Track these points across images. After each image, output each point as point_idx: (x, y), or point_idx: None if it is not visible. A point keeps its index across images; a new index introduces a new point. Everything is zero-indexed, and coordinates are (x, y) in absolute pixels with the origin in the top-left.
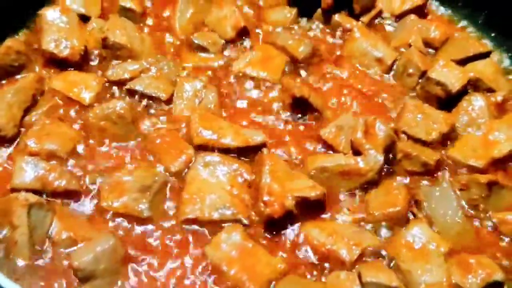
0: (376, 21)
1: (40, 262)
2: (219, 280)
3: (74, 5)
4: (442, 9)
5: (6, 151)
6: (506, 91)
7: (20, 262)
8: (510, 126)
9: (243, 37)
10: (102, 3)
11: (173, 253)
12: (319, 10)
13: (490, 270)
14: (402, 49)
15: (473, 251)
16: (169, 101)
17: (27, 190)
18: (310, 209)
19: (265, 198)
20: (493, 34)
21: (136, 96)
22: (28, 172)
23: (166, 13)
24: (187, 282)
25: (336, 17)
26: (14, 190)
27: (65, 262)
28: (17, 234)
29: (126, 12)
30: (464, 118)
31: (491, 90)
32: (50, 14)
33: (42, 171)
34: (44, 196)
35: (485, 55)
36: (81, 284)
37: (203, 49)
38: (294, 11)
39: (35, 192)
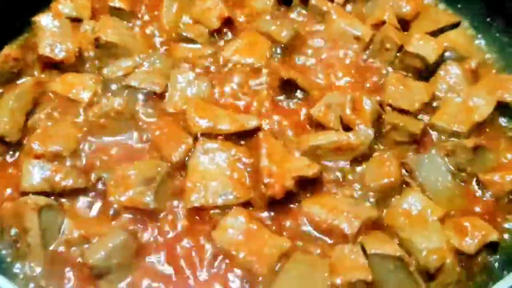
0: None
1: (54, 261)
2: (230, 264)
3: (66, 10)
4: None
5: (13, 156)
6: (478, 58)
7: (35, 263)
8: (486, 90)
9: (228, 26)
10: (92, 5)
11: (183, 241)
12: None
13: (486, 231)
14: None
15: (466, 214)
16: (164, 93)
17: (36, 193)
18: (308, 186)
19: (266, 180)
20: (459, 6)
21: (133, 91)
22: (35, 174)
23: (154, 10)
24: (200, 270)
25: (313, 1)
26: (24, 193)
27: (79, 260)
28: (29, 237)
29: (116, 12)
30: (443, 86)
31: (464, 58)
32: (43, 20)
33: (48, 172)
34: (53, 196)
35: (454, 25)
36: (96, 280)
37: (191, 41)
38: None
39: (45, 193)
